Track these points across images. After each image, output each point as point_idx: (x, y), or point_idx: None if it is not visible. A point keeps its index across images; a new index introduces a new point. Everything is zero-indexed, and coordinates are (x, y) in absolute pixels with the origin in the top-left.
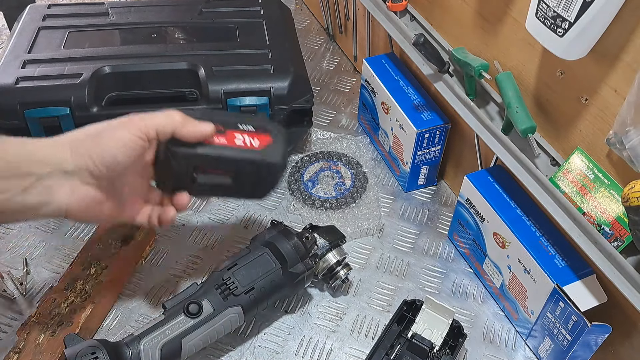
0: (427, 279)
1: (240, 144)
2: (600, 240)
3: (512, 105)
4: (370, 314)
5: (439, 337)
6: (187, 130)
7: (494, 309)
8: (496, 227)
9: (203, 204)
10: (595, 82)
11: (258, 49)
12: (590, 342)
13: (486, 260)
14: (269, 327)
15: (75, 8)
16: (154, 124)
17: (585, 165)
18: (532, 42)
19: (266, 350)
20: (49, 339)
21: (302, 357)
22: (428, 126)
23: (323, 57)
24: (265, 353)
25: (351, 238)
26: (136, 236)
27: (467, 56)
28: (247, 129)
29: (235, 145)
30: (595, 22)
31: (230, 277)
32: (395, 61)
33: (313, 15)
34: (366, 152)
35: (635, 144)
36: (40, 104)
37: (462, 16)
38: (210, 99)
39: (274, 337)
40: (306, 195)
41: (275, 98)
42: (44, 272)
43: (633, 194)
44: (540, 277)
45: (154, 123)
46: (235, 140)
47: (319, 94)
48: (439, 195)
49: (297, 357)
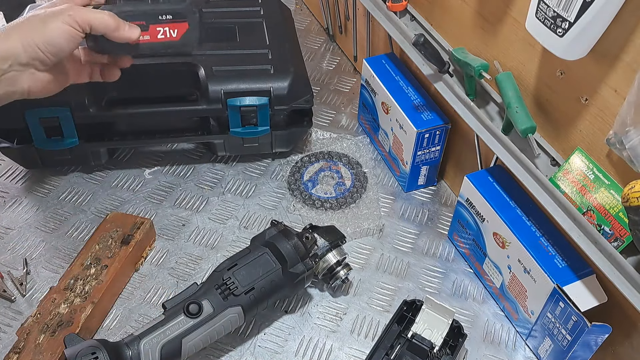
0: (427, 279)
1: (162, 37)
2: (600, 240)
3: (512, 105)
4: (370, 314)
5: (439, 337)
6: (117, 34)
7: (494, 309)
8: (496, 227)
9: (203, 204)
10: (595, 82)
11: (258, 49)
12: (590, 342)
13: (486, 260)
14: (269, 327)
15: None
16: (90, 21)
17: (585, 165)
18: (532, 42)
19: (266, 350)
20: (49, 339)
21: (302, 357)
22: (428, 126)
23: (323, 57)
24: (265, 353)
25: (351, 238)
26: (136, 236)
27: (467, 56)
28: (167, 19)
29: (157, 39)
30: (595, 22)
31: (230, 277)
32: (395, 61)
33: (313, 15)
34: (366, 152)
35: (635, 144)
36: (40, 104)
37: (462, 16)
38: (210, 99)
39: (274, 337)
40: (306, 195)
41: (275, 98)
42: (44, 272)
43: (633, 194)
44: (540, 277)
45: (90, 20)
46: (157, 35)
47: (319, 94)
48: (439, 195)
49: (297, 357)
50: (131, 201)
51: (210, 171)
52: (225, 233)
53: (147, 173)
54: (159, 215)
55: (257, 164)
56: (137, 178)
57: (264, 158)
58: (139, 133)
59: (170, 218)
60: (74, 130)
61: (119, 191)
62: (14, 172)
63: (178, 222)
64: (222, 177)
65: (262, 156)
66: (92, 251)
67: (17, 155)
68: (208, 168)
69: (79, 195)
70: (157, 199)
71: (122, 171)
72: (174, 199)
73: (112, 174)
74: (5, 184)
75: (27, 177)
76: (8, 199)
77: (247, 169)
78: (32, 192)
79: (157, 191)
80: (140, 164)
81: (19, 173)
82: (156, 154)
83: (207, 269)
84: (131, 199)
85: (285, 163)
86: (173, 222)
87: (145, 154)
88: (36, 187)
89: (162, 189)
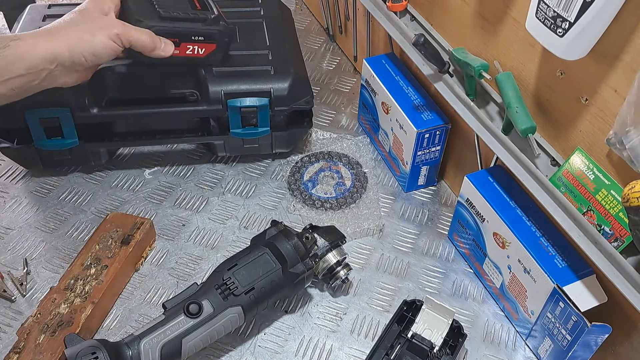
0: (427, 279)
1: (190, 53)
2: (600, 240)
3: (512, 105)
4: (370, 314)
5: (439, 337)
6: (153, 54)
7: (494, 309)
8: (496, 227)
9: (203, 204)
10: (595, 82)
11: (258, 50)
12: (590, 342)
13: (486, 260)
14: (269, 327)
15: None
16: (131, 41)
17: (585, 166)
18: (532, 42)
19: (266, 350)
20: (49, 339)
21: (302, 357)
22: (428, 126)
23: (323, 57)
24: (265, 353)
25: (351, 238)
26: (136, 236)
27: (467, 56)
28: (198, 40)
29: (185, 55)
30: (595, 22)
31: (231, 277)
32: (395, 61)
33: (313, 15)
34: (366, 152)
35: (635, 144)
36: (41, 104)
37: (462, 16)
38: (210, 100)
39: (274, 337)
40: (306, 196)
41: (276, 99)
42: (44, 272)
43: (633, 194)
44: (540, 277)
45: (131, 41)
46: (186, 51)
47: (319, 94)
48: (439, 196)
49: (297, 357)
50: (131, 201)
51: (210, 171)
52: (225, 233)
53: (147, 173)
54: (159, 216)
55: (257, 164)
56: (137, 178)
57: (264, 158)
58: (139, 133)
59: (170, 218)
60: (74, 131)
61: (119, 191)
62: (14, 172)
63: (178, 222)
64: (222, 177)
65: (262, 156)
66: (92, 251)
67: (17, 155)
68: (208, 168)
69: (79, 196)
70: (157, 199)
71: (122, 171)
72: (174, 199)
73: (112, 174)
74: (5, 184)
75: (27, 177)
76: (8, 199)
77: (247, 169)
78: (32, 192)
79: (157, 191)
80: (140, 164)
81: (19, 173)
82: (156, 154)
83: (207, 269)
84: (131, 199)
85: (285, 163)
86: (173, 222)
87: (145, 154)
88: (36, 187)
89: (162, 189)
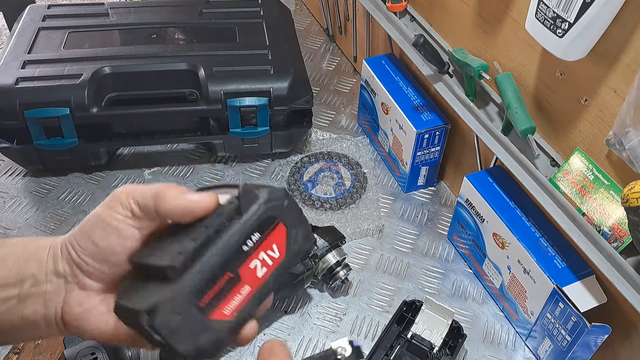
0: (427, 280)
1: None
2: (599, 240)
3: (512, 105)
4: (370, 314)
5: (438, 337)
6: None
7: (494, 310)
8: (496, 227)
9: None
10: (594, 82)
11: (258, 50)
12: (590, 343)
13: (486, 260)
14: (269, 327)
15: (75, 8)
16: None
17: (585, 166)
18: (532, 42)
19: None
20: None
21: (302, 358)
22: (428, 127)
23: (323, 58)
24: None
25: (351, 238)
26: None
27: (467, 57)
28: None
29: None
30: (594, 23)
31: None
32: (395, 62)
33: (313, 15)
34: (366, 152)
35: (635, 144)
36: (40, 105)
37: (461, 17)
38: (210, 100)
39: (273, 337)
40: (306, 196)
41: (275, 99)
42: None
43: (633, 195)
44: (539, 278)
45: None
46: (256, 274)
47: (319, 94)
48: (439, 196)
49: (297, 357)
50: None
51: (210, 171)
52: None
53: (147, 173)
54: None
55: (256, 164)
56: (137, 178)
57: (263, 158)
58: (139, 133)
59: None
60: (73, 131)
61: None
62: (14, 172)
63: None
64: (222, 177)
65: (261, 156)
66: None
67: (17, 155)
68: (208, 168)
69: (78, 196)
70: None
71: (122, 171)
72: None
73: (112, 174)
74: (5, 184)
75: (27, 177)
76: (8, 199)
77: (247, 169)
78: (32, 192)
79: None
80: (140, 164)
81: (19, 173)
82: (156, 154)
83: None
84: None
85: (285, 163)
86: None
87: (145, 154)
88: (36, 187)
89: None
